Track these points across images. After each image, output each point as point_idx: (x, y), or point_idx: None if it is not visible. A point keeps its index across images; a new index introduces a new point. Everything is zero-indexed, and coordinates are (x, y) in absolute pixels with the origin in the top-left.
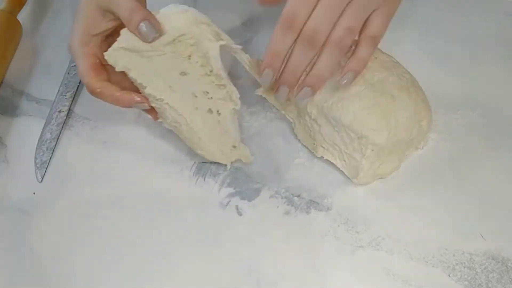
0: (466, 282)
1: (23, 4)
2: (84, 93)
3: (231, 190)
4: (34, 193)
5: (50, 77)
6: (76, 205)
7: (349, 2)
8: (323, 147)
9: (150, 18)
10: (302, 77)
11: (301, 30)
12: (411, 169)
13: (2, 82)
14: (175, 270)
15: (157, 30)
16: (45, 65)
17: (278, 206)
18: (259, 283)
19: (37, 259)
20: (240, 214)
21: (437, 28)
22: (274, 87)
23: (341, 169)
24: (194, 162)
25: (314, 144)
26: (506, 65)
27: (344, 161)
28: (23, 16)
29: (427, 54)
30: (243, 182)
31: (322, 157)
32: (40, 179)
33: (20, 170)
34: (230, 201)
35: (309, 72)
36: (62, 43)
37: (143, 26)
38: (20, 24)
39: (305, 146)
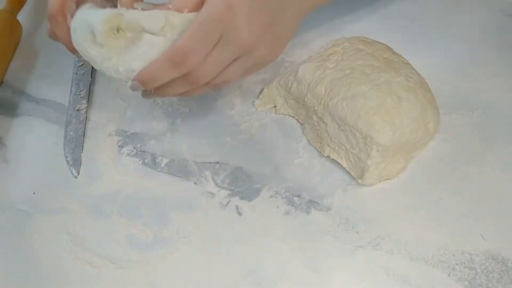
0: (466, 282)
1: (23, 4)
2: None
3: (231, 190)
4: (34, 193)
5: (50, 77)
6: (75, 205)
7: (237, 58)
8: (330, 147)
9: None
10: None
11: (187, 70)
12: (410, 169)
13: (2, 82)
14: (175, 270)
15: None
16: (45, 65)
17: (278, 206)
18: (259, 283)
19: (37, 259)
20: (240, 214)
21: (436, 28)
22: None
23: (347, 169)
24: (194, 162)
25: (321, 143)
26: (506, 65)
27: (350, 161)
28: (23, 16)
29: (426, 54)
30: (243, 182)
31: (328, 156)
32: (76, 174)
33: (20, 170)
34: (230, 201)
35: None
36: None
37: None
38: (20, 24)
39: (311, 145)
